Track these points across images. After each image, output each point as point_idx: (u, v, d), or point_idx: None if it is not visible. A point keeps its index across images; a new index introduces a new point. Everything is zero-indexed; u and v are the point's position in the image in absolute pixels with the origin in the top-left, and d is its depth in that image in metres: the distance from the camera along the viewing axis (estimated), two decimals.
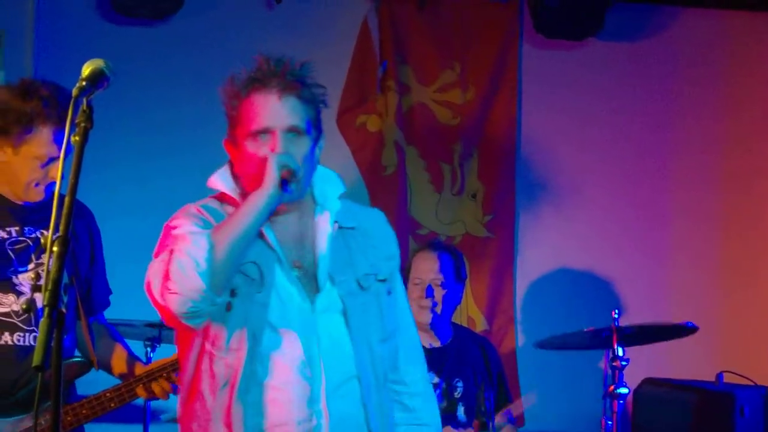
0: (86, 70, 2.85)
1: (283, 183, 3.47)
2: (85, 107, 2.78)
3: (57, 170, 3.69)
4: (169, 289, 3.31)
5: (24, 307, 4.19)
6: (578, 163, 7.27)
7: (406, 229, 6.91)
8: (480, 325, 7.04)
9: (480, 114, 7.10)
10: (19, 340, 4.29)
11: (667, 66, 7.34)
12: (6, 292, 4.28)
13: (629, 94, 7.32)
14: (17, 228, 4.36)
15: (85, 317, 4.46)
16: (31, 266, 4.27)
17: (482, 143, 7.12)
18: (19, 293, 4.27)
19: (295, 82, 3.60)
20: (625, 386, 5.56)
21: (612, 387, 5.55)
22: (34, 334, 4.27)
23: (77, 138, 2.74)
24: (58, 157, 4.03)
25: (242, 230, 3.45)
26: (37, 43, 6.60)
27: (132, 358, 4.60)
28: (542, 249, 7.20)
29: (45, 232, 3.71)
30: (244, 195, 3.61)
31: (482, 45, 7.12)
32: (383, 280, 3.68)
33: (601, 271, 7.17)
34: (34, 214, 4.36)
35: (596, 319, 5.96)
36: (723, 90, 7.38)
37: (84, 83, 2.81)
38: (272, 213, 3.51)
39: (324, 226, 3.59)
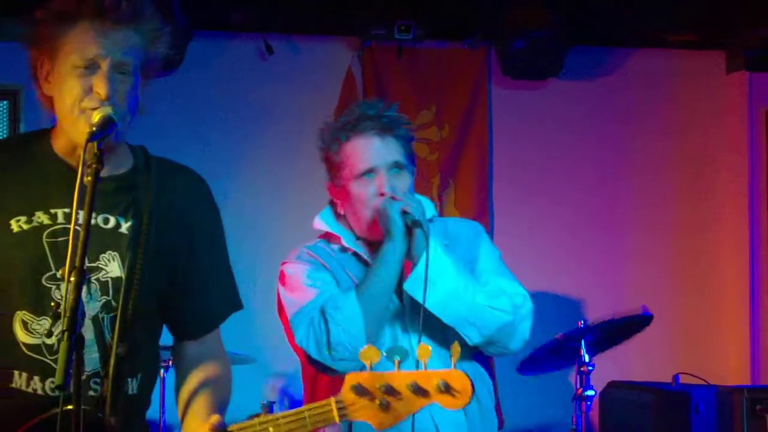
0: (96, 117, 2.70)
1: (407, 227, 3.41)
2: (96, 150, 2.61)
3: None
4: (336, 358, 3.32)
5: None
6: (546, 188, 7.27)
7: None
8: None
9: (455, 149, 7.09)
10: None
11: (621, 100, 7.41)
12: (40, 313, 2.80)
13: (588, 126, 7.37)
14: (67, 210, 2.82)
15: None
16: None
17: (458, 175, 7.11)
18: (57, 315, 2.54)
19: (390, 122, 3.53)
20: (592, 389, 5.53)
21: (580, 390, 5.52)
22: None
23: (89, 178, 2.56)
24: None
25: (386, 285, 3.42)
26: None
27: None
28: (516, 271, 7.19)
29: (111, 218, 2.88)
30: (351, 232, 3.57)
31: (455, 87, 7.14)
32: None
33: (568, 285, 7.15)
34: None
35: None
36: (672, 117, 7.42)
37: (94, 129, 2.65)
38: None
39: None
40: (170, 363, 5.37)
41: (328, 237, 3.65)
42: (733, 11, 6.68)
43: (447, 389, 2.54)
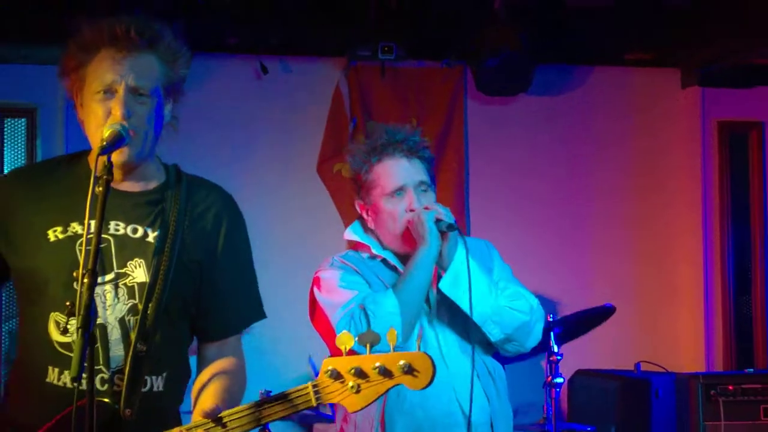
0: (106, 132, 2.76)
1: (441, 233, 3.58)
2: (106, 162, 2.66)
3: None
4: (374, 351, 3.28)
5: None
6: (518, 192, 7.34)
7: None
8: None
9: (434, 160, 7.13)
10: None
11: (584, 112, 7.48)
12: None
13: (555, 136, 7.43)
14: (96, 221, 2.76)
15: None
16: (109, 276, 2.94)
17: (437, 184, 7.14)
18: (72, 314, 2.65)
19: (416, 145, 3.74)
20: (561, 377, 5.59)
21: (550, 378, 5.57)
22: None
23: (100, 189, 2.60)
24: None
25: (422, 285, 3.54)
26: (68, 116, 6.53)
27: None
28: None
29: (140, 228, 2.97)
30: (379, 243, 3.71)
31: (434, 103, 7.21)
32: None
33: (538, 280, 7.19)
34: (126, 200, 3.01)
35: None
36: (632, 128, 7.50)
37: (104, 143, 2.72)
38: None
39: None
40: None
41: (357, 247, 3.77)
42: (686, 32, 6.73)
43: (410, 370, 2.56)
